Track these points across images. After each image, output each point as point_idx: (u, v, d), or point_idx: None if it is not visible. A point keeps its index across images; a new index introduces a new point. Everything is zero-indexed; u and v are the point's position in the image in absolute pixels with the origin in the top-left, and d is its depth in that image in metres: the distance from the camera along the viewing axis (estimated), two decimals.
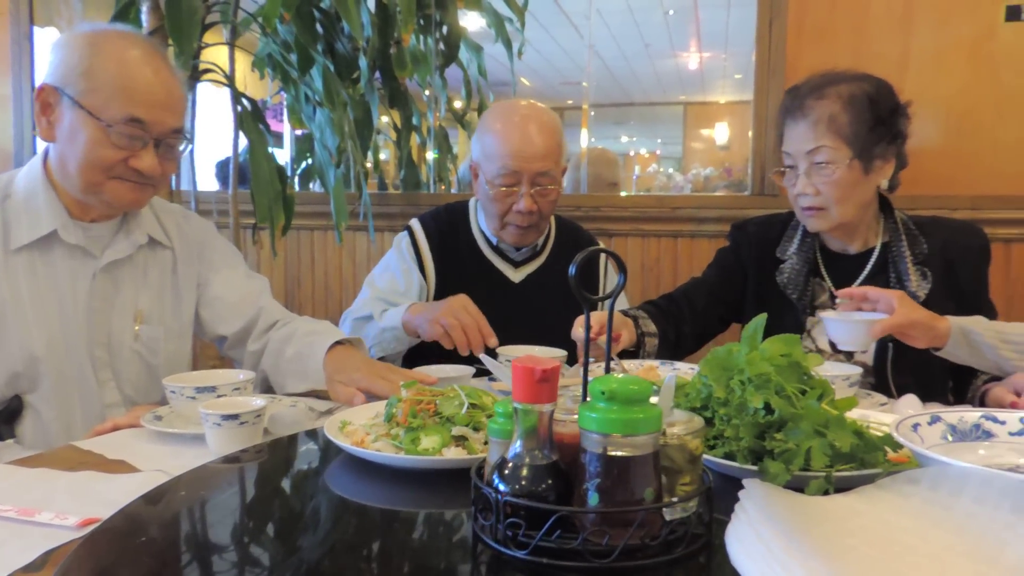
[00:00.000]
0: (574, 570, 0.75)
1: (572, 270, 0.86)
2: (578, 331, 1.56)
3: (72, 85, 1.43)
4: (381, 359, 1.85)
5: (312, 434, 1.30)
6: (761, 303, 1.84)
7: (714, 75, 10.83)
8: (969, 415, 1.07)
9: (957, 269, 1.74)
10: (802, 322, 1.78)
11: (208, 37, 2.62)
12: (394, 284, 2.00)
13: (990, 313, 1.77)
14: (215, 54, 2.70)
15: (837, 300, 1.61)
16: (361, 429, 1.18)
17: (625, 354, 1.71)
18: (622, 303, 2.07)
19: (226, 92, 2.64)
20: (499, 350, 1.70)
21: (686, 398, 1.04)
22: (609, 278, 2.17)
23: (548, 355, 1.65)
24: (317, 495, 1.05)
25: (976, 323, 1.51)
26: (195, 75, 2.57)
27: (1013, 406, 1.43)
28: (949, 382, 1.78)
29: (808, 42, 2.75)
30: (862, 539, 0.74)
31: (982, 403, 1.58)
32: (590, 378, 0.83)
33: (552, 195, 1.95)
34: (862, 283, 1.78)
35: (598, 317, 1.59)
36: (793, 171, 1.73)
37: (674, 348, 1.84)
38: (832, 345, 1.65)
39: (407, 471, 1.07)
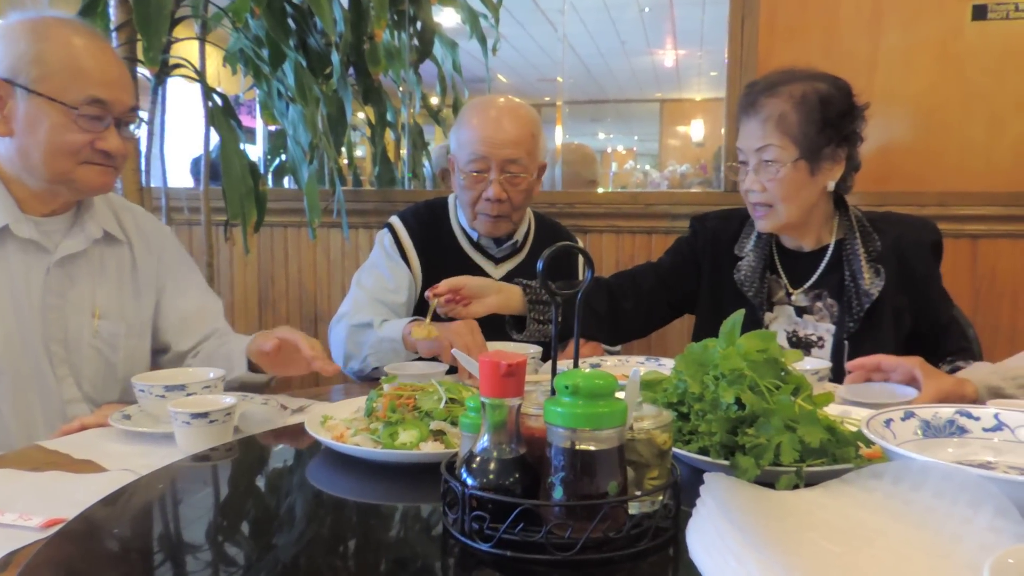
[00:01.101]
0: (538, 563, 0.75)
1: (540, 265, 0.88)
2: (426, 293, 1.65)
3: (23, 74, 1.40)
4: (376, 369, 1.83)
5: (283, 431, 1.30)
6: (716, 297, 1.85)
7: (690, 72, 10.91)
8: (943, 411, 1.05)
9: (910, 264, 1.74)
10: (759, 318, 1.79)
11: (178, 32, 2.59)
12: (382, 282, 1.98)
13: (945, 303, 1.79)
14: (186, 49, 2.67)
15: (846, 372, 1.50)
16: (342, 423, 1.18)
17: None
18: None
19: (197, 88, 2.62)
20: None
21: (664, 393, 1.05)
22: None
23: (520, 351, 1.65)
24: (292, 491, 1.04)
25: (993, 377, 1.43)
26: (165, 70, 2.54)
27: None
28: None
29: (779, 40, 2.77)
30: (822, 533, 0.75)
31: None
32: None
33: (522, 184, 1.95)
34: (816, 280, 1.78)
35: (449, 282, 1.64)
36: (745, 167, 1.74)
37: (612, 322, 1.84)
38: None
39: (385, 465, 1.07)
